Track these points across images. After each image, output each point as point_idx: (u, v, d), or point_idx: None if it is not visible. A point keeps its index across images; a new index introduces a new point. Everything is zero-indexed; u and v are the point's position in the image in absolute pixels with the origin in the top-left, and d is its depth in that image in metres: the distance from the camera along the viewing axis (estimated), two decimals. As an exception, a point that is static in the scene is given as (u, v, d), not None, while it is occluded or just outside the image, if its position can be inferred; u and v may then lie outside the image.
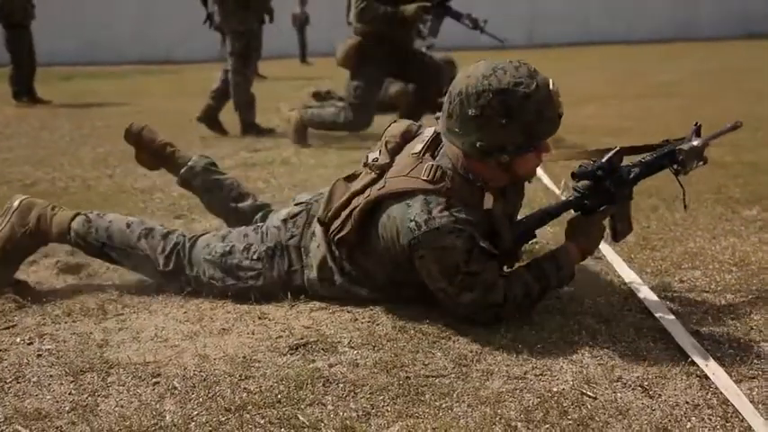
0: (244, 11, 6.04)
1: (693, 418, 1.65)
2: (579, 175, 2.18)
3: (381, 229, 2.14)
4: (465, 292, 2.06)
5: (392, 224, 2.10)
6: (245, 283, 2.37)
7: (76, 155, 5.47)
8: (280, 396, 1.77)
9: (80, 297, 2.45)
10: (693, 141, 2.29)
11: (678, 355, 1.94)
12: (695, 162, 2.30)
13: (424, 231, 2.02)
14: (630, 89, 8.90)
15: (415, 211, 2.04)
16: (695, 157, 2.29)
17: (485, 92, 1.98)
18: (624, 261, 2.64)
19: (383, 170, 2.20)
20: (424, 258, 2.06)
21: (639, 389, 1.78)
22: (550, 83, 2.02)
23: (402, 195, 2.09)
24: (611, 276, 2.54)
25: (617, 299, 2.34)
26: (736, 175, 3.98)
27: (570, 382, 1.81)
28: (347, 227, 2.20)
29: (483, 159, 2.07)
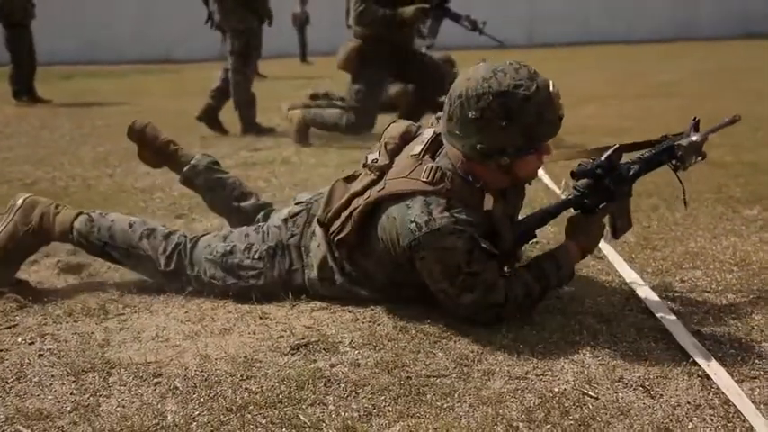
0: (243, 9, 6.05)
1: (695, 419, 1.65)
2: (578, 173, 2.18)
3: (381, 230, 2.14)
4: (466, 292, 2.07)
5: (392, 225, 2.10)
6: (245, 282, 2.37)
7: (77, 154, 5.47)
8: (281, 396, 1.77)
9: (81, 297, 2.45)
10: (692, 137, 2.28)
11: (679, 355, 1.94)
12: (694, 157, 2.29)
13: (424, 232, 2.02)
14: (630, 89, 8.90)
15: (415, 212, 2.04)
16: (694, 153, 2.28)
17: (485, 94, 1.98)
18: (625, 261, 2.64)
19: (383, 172, 2.19)
20: (424, 259, 2.06)
21: (641, 389, 1.78)
22: (551, 85, 2.02)
23: (402, 197, 2.09)
24: (612, 276, 2.54)
25: (618, 299, 2.34)
26: (737, 175, 3.98)
27: (571, 383, 1.81)
28: (347, 228, 2.20)
29: (483, 162, 2.06)
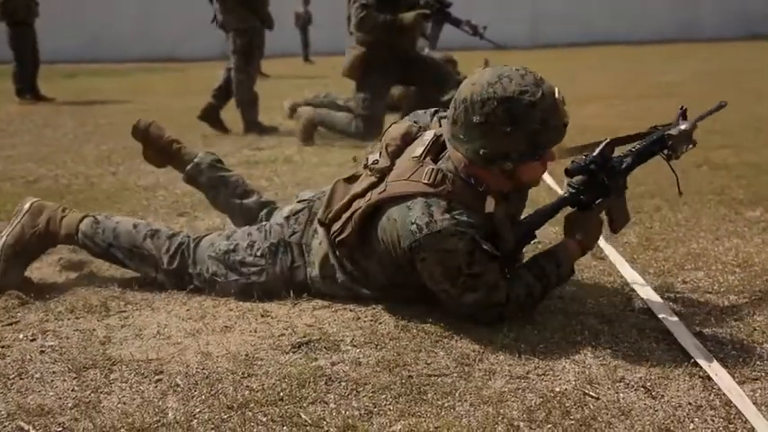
0: (242, 9, 6.05)
1: (696, 420, 1.65)
2: (573, 170, 2.17)
3: (381, 232, 2.14)
4: (468, 292, 2.07)
5: (392, 227, 2.10)
6: (247, 279, 2.37)
7: (80, 152, 5.48)
8: (282, 394, 1.77)
9: (83, 294, 2.46)
10: (681, 125, 2.28)
11: (681, 355, 1.94)
12: (685, 146, 2.29)
13: (425, 234, 2.01)
14: (632, 89, 8.89)
15: (416, 213, 2.04)
16: (685, 141, 2.28)
17: (490, 99, 1.98)
18: (627, 261, 2.64)
19: (384, 173, 2.19)
20: (425, 261, 2.06)
21: (642, 389, 1.78)
22: (556, 92, 2.01)
23: (403, 199, 2.09)
24: (613, 277, 2.54)
25: (619, 299, 2.34)
26: (739, 176, 3.98)
27: (573, 383, 1.81)
28: (347, 229, 2.20)
29: (486, 166, 2.06)
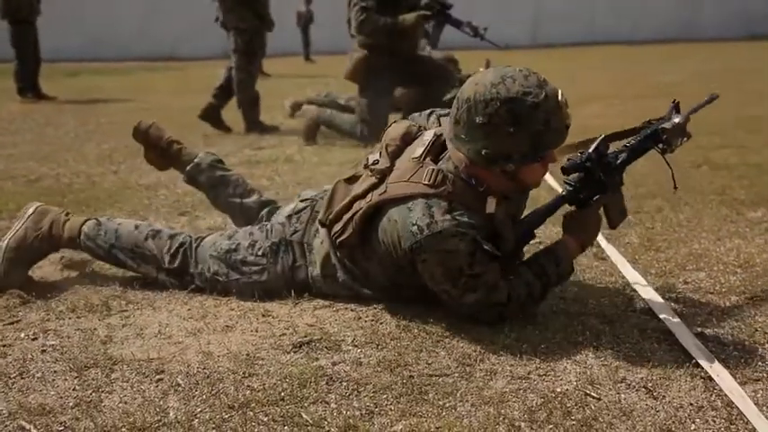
0: (242, 8, 6.05)
1: (697, 420, 1.65)
2: (569, 168, 2.17)
3: (382, 233, 2.14)
4: (469, 293, 2.06)
5: (393, 228, 2.09)
6: (248, 278, 2.37)
7: (81, 151, 5.48)
8: (283, 394, 1.77)
9: (84, 293, 2.46)
10: (675, 119, 2.28)
11: (682, 356, 1.94)
12: (680, 139, 2.29)
13: (426, 235, 2.01)
14: (633, 89, 8.88)
15: (416, 214, 2.04)
16: (679, 134, 2.28)
17: (493, 100, 1.98)
18: (628, 262, 2.64)
19: (384, 174, 2.19)
20: (426, 262, 2.06)
21: (643, 390, 1.78)
22: (559, 93, 2.01)
23: (403, 200, 2.08)
24: (615, 277, 2.53)
25: (621, 300, 2.34)
26: (741, 177, 3.97)
27: (574, 383, 1.81)
28: (348, 230, 2.20)
29: (488, 167, 2.06)
